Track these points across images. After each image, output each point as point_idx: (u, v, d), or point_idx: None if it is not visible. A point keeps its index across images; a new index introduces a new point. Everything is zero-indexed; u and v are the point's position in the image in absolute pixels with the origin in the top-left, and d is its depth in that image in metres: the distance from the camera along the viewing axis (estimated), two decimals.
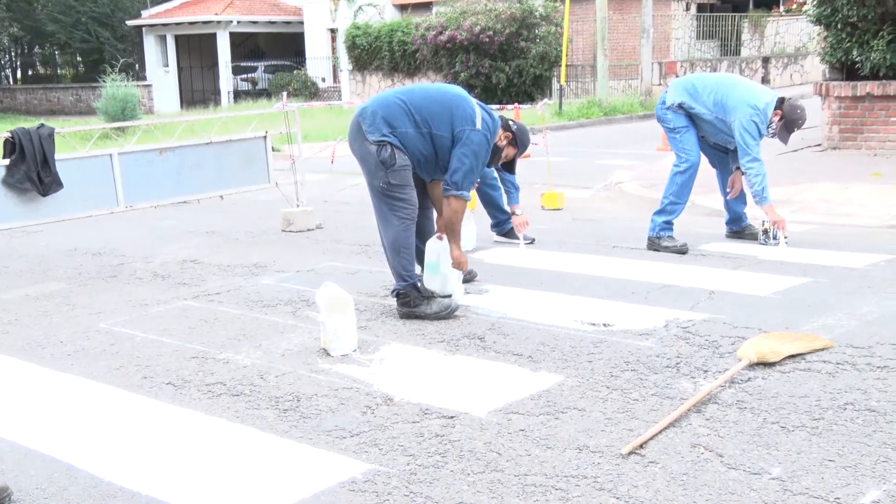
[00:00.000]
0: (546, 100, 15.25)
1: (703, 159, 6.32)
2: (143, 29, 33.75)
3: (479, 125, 4.71)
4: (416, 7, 27.33)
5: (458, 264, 4.96)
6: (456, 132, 4.67)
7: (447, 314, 4.69)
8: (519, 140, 5.19)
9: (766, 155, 10.01)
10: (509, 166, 5.41)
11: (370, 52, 25.73)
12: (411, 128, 4.65)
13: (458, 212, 4.81)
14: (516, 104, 14.60)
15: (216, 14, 31.44)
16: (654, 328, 4.36)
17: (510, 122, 5.11)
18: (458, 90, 4.88)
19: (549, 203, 8.50)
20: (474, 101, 4.83)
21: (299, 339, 4.46)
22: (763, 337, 3.99)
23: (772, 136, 6.08)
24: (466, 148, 4.67)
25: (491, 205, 6.68)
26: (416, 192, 4.79)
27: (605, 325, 4.46)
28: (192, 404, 3.63)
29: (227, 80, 31.98)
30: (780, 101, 5.99)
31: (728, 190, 6.38)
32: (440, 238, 5.01)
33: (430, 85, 5.13)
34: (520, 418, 3.32)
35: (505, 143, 5.10)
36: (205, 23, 31.82)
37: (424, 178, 4.90)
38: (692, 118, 6.20)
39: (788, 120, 5.97)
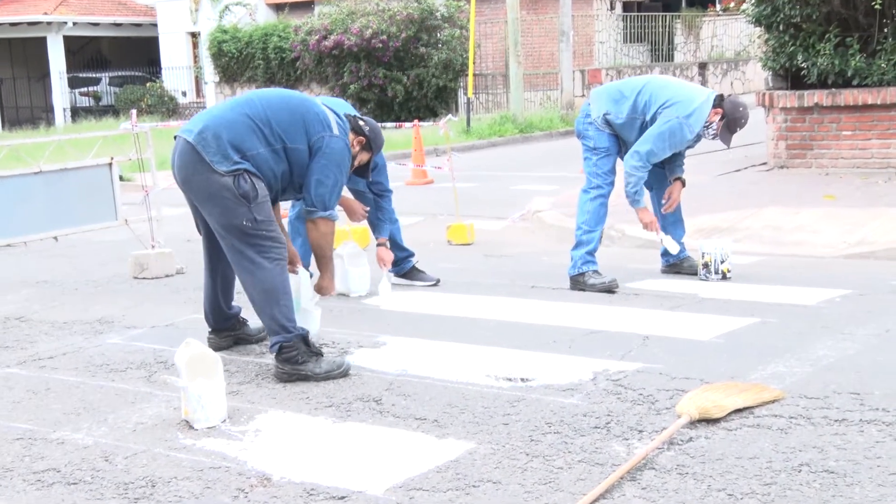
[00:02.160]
0: (451, 116, 15.46)
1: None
2: None
3: (335, 130, 4.78)
4: (295, 7, 27.47)
5: (320, 289, 5.10)
6: (313, 141, 4.72)
7: (338, 374, 4.66)
8: (373, 143, 5.17)
9: (705, 177, 10.45)
10: (362, 171, 5.33)
11: (241, 61, 25.69)
12: (262, 146, 4.64)
13: (327, 234, 4.90)
14: (416, 121, 14.80)
15: (45, 13, 30.82)
16: (579, 382, 4.44)
17: (360, 123, 5.13)
18: (298, 93, 4.97)
19: (456, 237, 8.59)
20: (320, 101, 4.91)
21: (155, 409, 4.37)
22: (705, 389, 4.10)
23: (712, 138, 6.26)
24: (328, 159, 4.74)
25: (389, 241, 6.72)
26: None
27: (522, 380, 4.51)
28: (15, 499, 3.50)
29: (61, 95, 31.35)
30: (719, 99, 6.20)
31: (664, 201, 6.51)
32: (294, 271, 5.07)
33: (265, 91, 5.10)
34: (424, 496, 3.32)
35: (358, 148, 5.11)
36: (31, 24, 31.16)
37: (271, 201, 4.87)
38: (618, 139, 6.38)
39: (730, 119, 6.15)
